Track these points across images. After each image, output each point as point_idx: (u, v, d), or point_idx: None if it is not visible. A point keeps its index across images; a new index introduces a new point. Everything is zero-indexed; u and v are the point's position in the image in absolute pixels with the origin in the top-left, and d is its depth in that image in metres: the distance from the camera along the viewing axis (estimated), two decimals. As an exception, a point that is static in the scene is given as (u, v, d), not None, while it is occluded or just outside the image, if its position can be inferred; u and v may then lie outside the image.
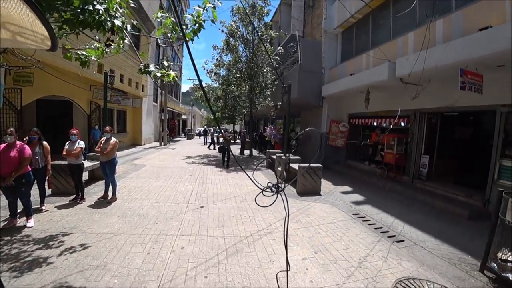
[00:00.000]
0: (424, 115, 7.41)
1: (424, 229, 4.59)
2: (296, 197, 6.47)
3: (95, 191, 6.37)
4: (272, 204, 1.31)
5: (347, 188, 7.66)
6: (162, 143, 19.57)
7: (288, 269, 1.99)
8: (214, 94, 14.36)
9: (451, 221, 5.11)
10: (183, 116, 35.20)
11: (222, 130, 13.68)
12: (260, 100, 13.58)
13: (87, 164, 6.64)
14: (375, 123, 9.11)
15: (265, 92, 13.57)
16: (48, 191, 5.38)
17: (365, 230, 4.43)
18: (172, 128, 26.07)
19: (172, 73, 3.87)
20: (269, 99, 13.71)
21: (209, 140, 21.17)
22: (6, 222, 4.22)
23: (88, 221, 4.47)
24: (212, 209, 5.27)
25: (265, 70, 13.17)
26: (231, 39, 13.26)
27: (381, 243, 3.96)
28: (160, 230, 4.17)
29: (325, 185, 7.93)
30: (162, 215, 4.87)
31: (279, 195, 1.50)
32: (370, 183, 8.41)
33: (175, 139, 25.65)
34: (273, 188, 1.51)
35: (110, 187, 5.79)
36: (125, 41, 3.42)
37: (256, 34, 12.62)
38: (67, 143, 5.48)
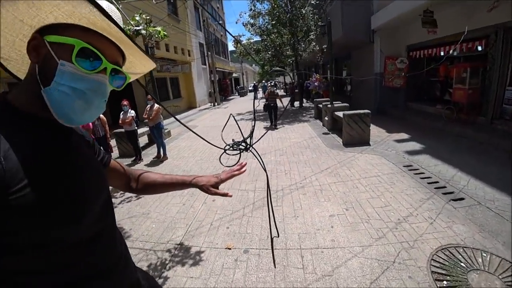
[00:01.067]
0: (510, 31, 5.53)
1: (497, 185, 3.59)
2: (340, 147, 6.04)
3: (152, 152, 7.15)
4: (237, 163, 1.07)
5: (403, 136, 6.71)
6: (216, 103, 20.36)
7: (277, 236, 1.87)
8: (255, 47, 13.62)
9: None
10: (234, 75, 35.28)
11: (269, 84, 13.25)
12: (303, 46, 12.37)
13: (141, 130, 7.40)
14: (441, 53, 7.29)
15: (308, 36, 12.24)
16: (116, 154, 6.38)
17: (414, 185, 3.81)
18: (225, 88, 26.63)
19: (158, 28, 3.70)
20: (313, 43, 12.38)
21: (260, 95, 21.16)
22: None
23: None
24: (250, 164, 5.33)
25: (304, 11, 11.67)
26: None
27: (431, 201, 3.32)
28: (198, 185, 4.50)
29: (378, 133, 7.12)
30: (203, 171, 5.22)
31: (249, 152, 1.22)
32: (434, 128, 7.12)
33: (229, 98, 26.29)
34: (241, 146, 1.23)
35: (162, 148, 6.43)
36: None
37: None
38: (121, 113, 6.12)
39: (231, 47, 34.22)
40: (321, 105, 9.05)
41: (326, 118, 8.05)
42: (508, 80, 5.77)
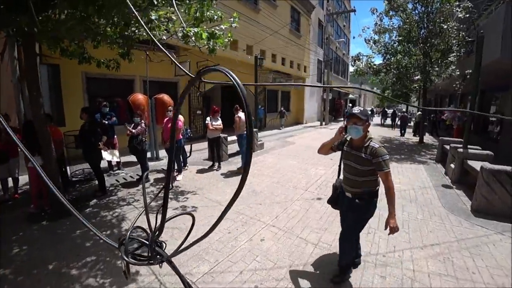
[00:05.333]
0: None
1: None
2: (466, 215, 3.86)
3: (237, 161, 7.00)
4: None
5: None
6: (323, 123, 19.24)
7: None
8: (375, 66, 11.52)
9: None
10: (351, 96, 32.69)
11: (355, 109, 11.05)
12: (437, 69, 9.53)
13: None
14: None
15: (447, 58, 9.32)
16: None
17: None
18: (337, 108, 24.99)
19: (195, 29, 3.13)
20: (453, 67, 9.32)
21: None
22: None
23: (211, 187, 4.97)
24: (327, 205, 4.16)
25: (445, 26, 8.94)
26: None
27: None
28: (257, 213, 3.80)
29: None
30: (272, 197, 4.47)
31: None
32: None
33: (339, 119, 24.42)
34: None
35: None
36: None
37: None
38: (208, 118, 6.24)
39: (352, 67, 32.10)
40: (448, 146, 6.50)
41: (452, 166, 5.61)
42: None
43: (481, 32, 6.22)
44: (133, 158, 5.33)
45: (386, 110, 23.62)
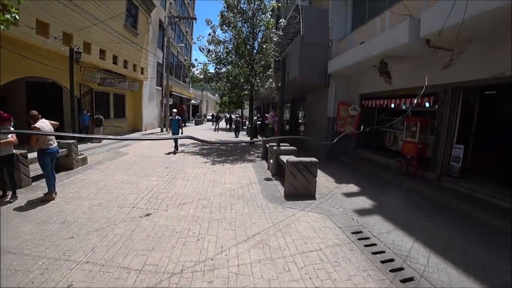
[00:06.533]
0: (459, 91, 5.53)
1: (459, 263, 3.00)
2: (280, 201, 5.01)
3: (44, 185, 5.31)
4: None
5: (352, 188, 6.09)
6: (164, 129, 18.70)
7: None
8: (209, 75, 12.76)
9: (497, 242, 3.48)
10: (193, 101, 34.04)
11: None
12: (258, 81, 11.97)
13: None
14: (392, 105, 7.27)
15: (266, 72, 11.95)
16: None
17: (365, 267, 2.89)
18: (180, 114, 25.16)
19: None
20: (271, 80, 12.07)
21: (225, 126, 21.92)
22: None
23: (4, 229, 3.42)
24: (156, 219, 3.95)
25: (265, 46, 11.48)
26: (228, 12, 11.52)
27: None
28: (65, 251, 3.00)
29: (326, 182, 6.42)
30: (90, 224, 3.70)
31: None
32: (383, 180, 6.75)
33: (182, 125, 24.81)
34: None
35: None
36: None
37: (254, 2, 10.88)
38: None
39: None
40: (268, 145, 8.26)
41: (271, 161, 7.19)
42: (455, 138, 5.66)
43: (284, 55, 8.33)
44: None
45: (220, 115, 27.56)
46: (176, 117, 10.27)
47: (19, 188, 4.94)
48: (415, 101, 5.51)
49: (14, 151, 4.68)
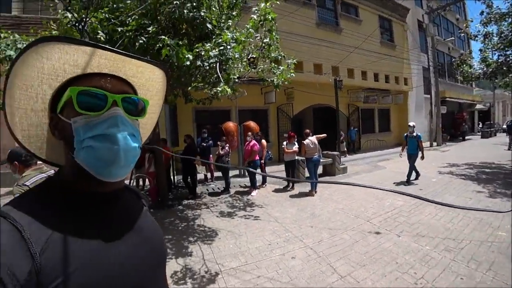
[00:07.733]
0: None
1: None
2: None
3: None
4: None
5: None
6: (435, 143, 16.20)
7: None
8: (493, 64, 8.79)
9: None
10: (479, 106, 25.20)
11: None
12: None
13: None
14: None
15: None
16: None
17: None
18: (458, 124, 20.40)
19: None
20: None
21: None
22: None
23: (277, 204, 5.73)
24: (383, 241, 3.83)
25: None
26: None
27: None
28: (303, 234, 4.10)
29: None
30: (328, 222, 4.59)
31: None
32: None
33: (460, 137, 19.64)
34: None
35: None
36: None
37: None
38: (284, 143, 7.03)
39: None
40: None
41: None
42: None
43: None
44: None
45: None
46: (414, 134, 7.27)
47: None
48: None
49: (296, 157, 6.94)
